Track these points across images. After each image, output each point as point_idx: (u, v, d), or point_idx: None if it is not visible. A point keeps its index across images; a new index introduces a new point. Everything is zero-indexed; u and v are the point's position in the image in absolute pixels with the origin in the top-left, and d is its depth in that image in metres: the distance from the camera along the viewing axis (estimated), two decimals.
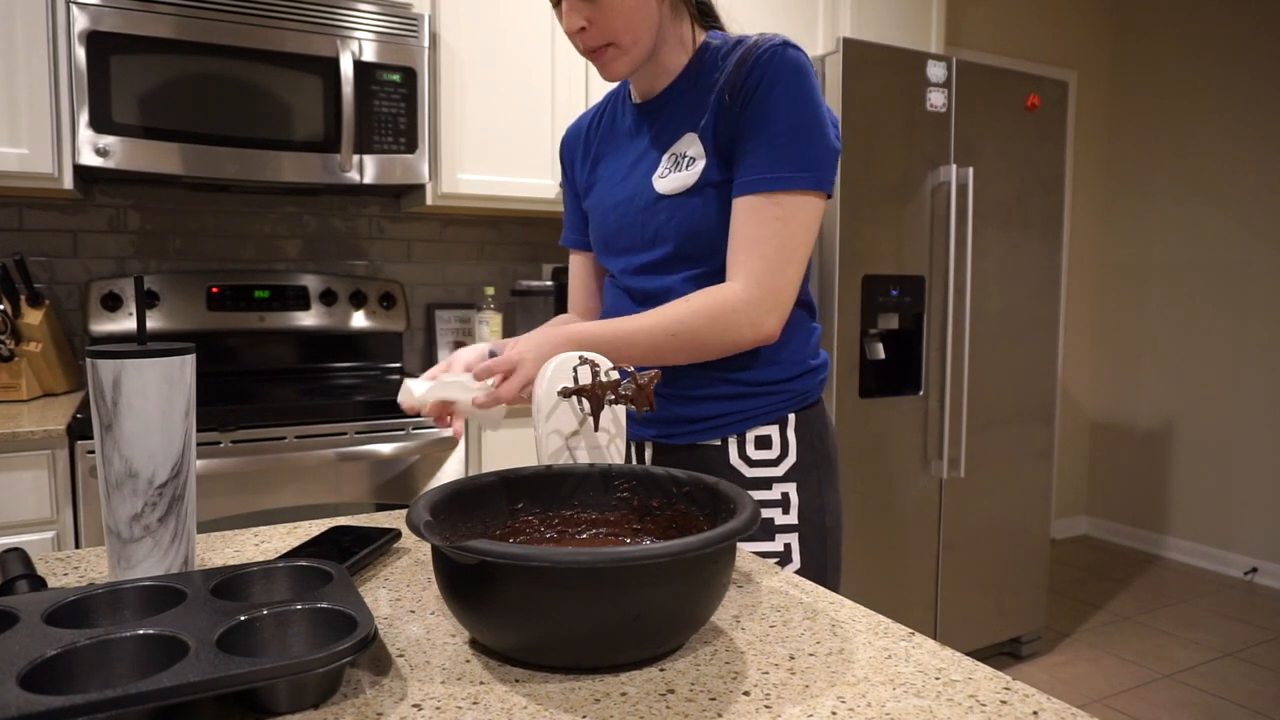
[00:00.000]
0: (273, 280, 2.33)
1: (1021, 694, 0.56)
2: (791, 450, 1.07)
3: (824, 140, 0.97)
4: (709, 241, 1.03)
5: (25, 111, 1.82)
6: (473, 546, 0.55)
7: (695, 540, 0.56)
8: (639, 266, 1.09)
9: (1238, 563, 3.59)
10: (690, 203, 1.02)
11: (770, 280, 0.97)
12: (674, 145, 1.05)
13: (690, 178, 1.02)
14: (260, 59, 1.97)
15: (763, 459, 1.07)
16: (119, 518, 0.69)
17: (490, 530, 0.74)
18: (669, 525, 0.76)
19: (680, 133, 1.05)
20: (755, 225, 0.97)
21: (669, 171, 1.04)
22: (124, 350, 0.68)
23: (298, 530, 0.92)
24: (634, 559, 0.54)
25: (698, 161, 1.02)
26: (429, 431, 1.98)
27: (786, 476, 1.06)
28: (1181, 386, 3.79)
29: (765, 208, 0.96)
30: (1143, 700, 2.52)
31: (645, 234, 1.07)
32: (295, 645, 0.57)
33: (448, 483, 0.72)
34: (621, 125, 1.15)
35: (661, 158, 1.06)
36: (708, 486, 0.73)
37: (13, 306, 1.92)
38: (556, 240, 2.81)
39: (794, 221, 0.97)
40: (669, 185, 1.04)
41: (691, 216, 1.02)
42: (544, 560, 0.53)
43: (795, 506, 1.06)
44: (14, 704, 0.45)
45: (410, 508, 0.65)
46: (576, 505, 0.78)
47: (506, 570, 0.55)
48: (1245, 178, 3.56)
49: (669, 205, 1.04)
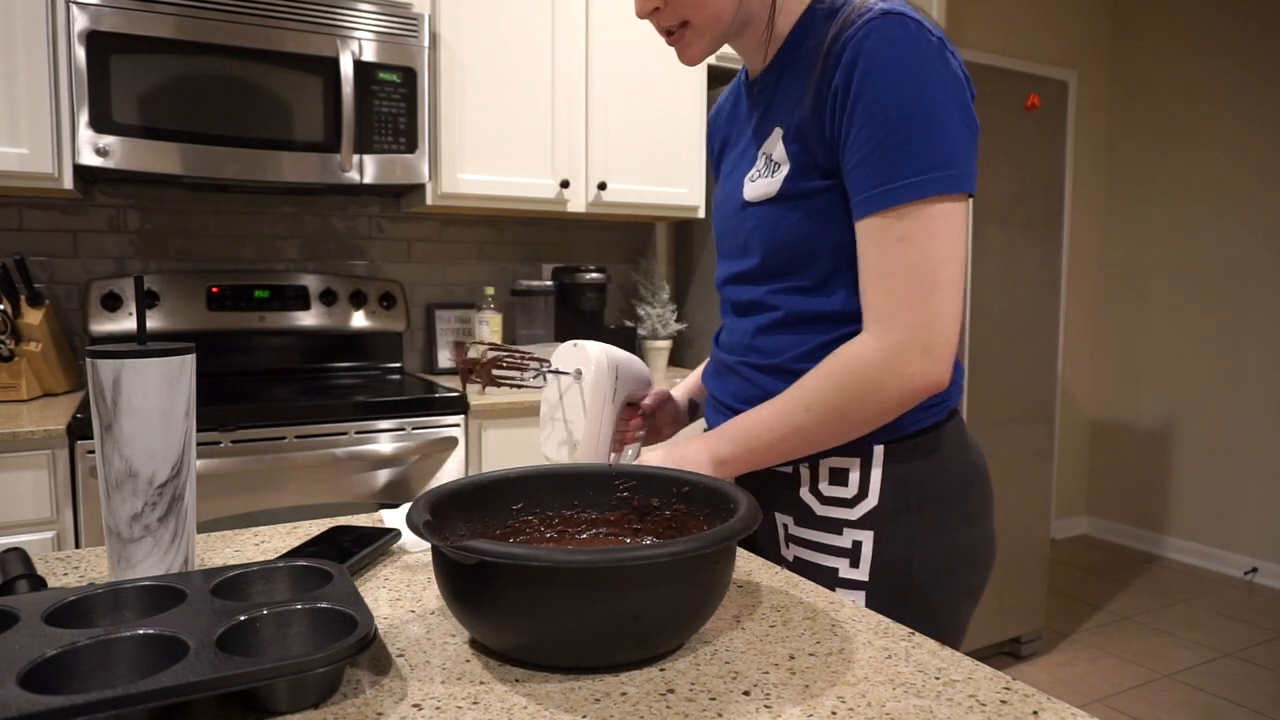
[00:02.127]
0: (273, 280, 2.33)
1: (1021, 694, 0.56)
2: (872, 491, 0.89)
3: (947, 128, 0.79)
4: (798, 256, 0.89)
5: (25, 111, 1.82)
6: (472, 546, 0.55)
7: (693, 541, 0.56)
8: (734, 275, 0.98)
9: (1238, 563, 3.59)
10: (774, 213, 0.89)
11: (910, 316, 0.79)
12: (767, 141, 0.91)
13: (773, 186, 0.88)
14: (260, 59, 1.97)
15: (835, 497, 0.90)
16: (119, 518, 0.69)
17: (490, 530, 0.73)
18: (668, 525, 0.76)
19: (771, 125, 0.91)
20: (878, 253, 0.80)
21: (759, 174, 0.91)
22: (124, 350, 0.68)
23: (298, 530, 0.92)
24: (632, 559, 0.54)
25: (781, 168, 0.88)
26: (429, 431, 1.98)
27: (862, 522, 0.89)
28: (1181, 386, 3.79)
29: (887, 229, 0.79)
30: (1143, 700, 2.52)
31: (738, 241, 0.96)
32: (295, 645, 0.57)
33: (448, 483, 0.72)
34: (743, 107, 1.00)
35: (758, 154, 0.92)
36: (708, 487, 0.73)
37: (13, 306, 1.92)
38: (556, 240, 2.81)
39: (926, 237, 0.78)
40: (755, 191, 0.91)
41: (776, 228, 0.89)
42: (542, 560, 0.53)
43: (867, 559, 0.88)
44: (14, 704, 0.45)
45: (411, 507, 0.65)
46: (576, 505, 0.77)
47: (505, 570, 0.55)
48: (1245, 178, 3.56)
49: (755, 213, 0.91)
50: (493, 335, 2.48)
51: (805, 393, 0.85)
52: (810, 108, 0.84)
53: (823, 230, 0.87)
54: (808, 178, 0.86)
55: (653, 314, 2.71)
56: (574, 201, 2.43)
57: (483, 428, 2.07)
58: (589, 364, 0.98)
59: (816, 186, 0.86)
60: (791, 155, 0.87)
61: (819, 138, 0.84)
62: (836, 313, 0.89)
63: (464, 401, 2.03)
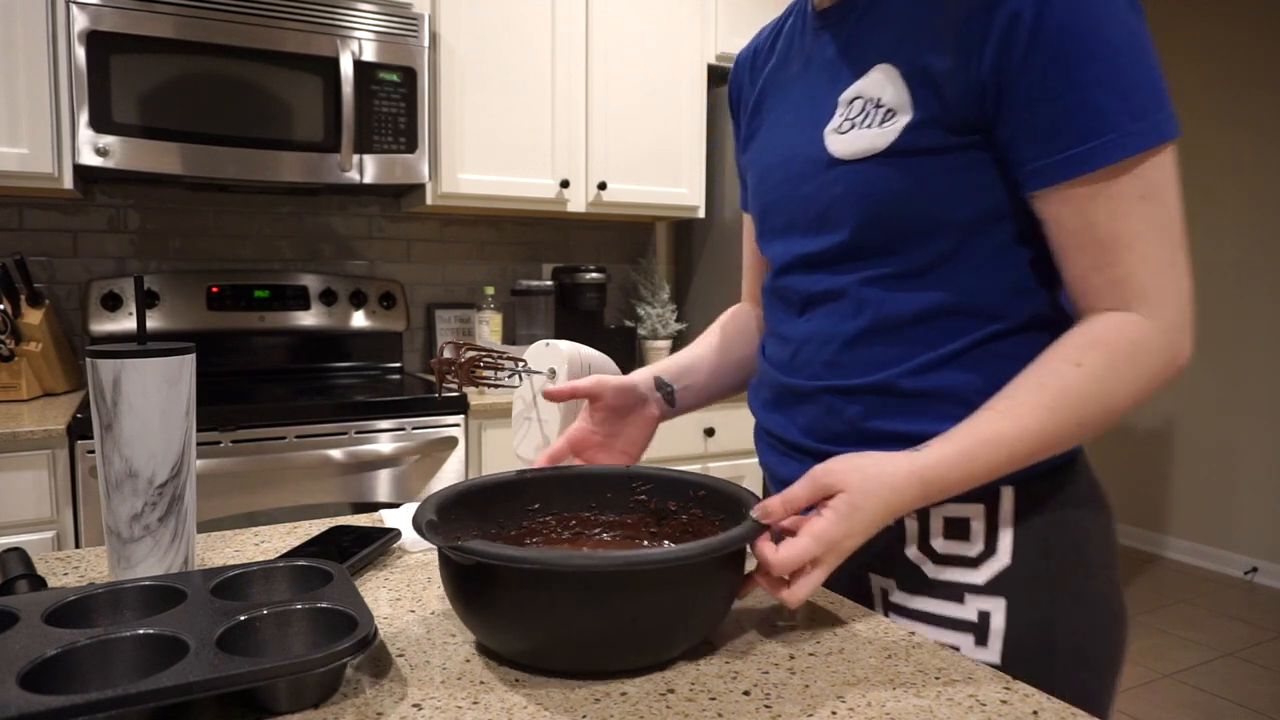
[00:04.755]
0: (273, 280, 2.33)
1: (1022, 694, 0.56)
2: (1002, 546, 0.71)
3: (1154, 61, 0.65)
4: (904, 229, 0.71)
5: (25, 111, 1.82)
6: (469, 548, 0.55)
7: (694, 546, 0.56)
8: (799, 259, 0.78)
9: (1238, 563, 3.59)
10: (880, 173, 0.70)
11: (1175, 286, 0.65)
12: (859, 82, 0.72)
13: (881, 137, 0.70)
14: (260, 59, 1.97)
15: (954, 555, 0.72)
16: (119, 517, 0.69)
17: (505, 531, 0.73)
18: (684, 530, 0.74)
19: (869, 61, 0.72)
20: (1119, 216, 0.64)
21: (852, 123, 0.72)
22: (124, 350, 0.68)
23: (298, 530, 0.92)
24: (628, 564, 0.54)
25: (896, 116, 0.69)
26: (429, 431, 1.98)
27: (990, 587, 0.70)
28: (1181, 386, 3.79)
29: (1124, 186, 0.63)
30: (1143, 700, 2.52)
31: (811, 211, 0.76)
32: (295, 645, 0.57)
33: (460, 482, 0.71)
34: (799, 46, 0.82)
35: (838, 101, 0.74)
36: (723, 491, 0.71)
37: (13, 306, 1.92)
38: (556, 240, 2.81)
39: (1168, 193, 0.65)
40: (849, 145, 0.72)
41: (881, 192, 0.70)
42: (536, 563, 0.53)
43: (999, 634, 0.70)
44: (14, 704, 0.45)
45: (419, 506, 0.65)
46: (594, 507, 0.77)
47: (500, 572, 0.55)
48: (1245, 179, 3.56)
49: (846, 174, 0.72)
50: (493, 335, 2.48)
51: (1069, 381, 0.64)
52: (952, 41, 0.66)
53: (947, 197, 0.69)
54: (934, 130, 0.68)
55: (653, 314, 2.71)
56: (574, 201, 2.43)
57: (483, 427, 2.07)
58: (561, 362, 0.97)
59: (950, 143, 0.68)
60: (917, 99, 0.68)
61: (962, 79, 0.66)
62: (962, 306, 0.70)
63: (464, 401, 2.03)
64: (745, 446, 2.41)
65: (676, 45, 2.53)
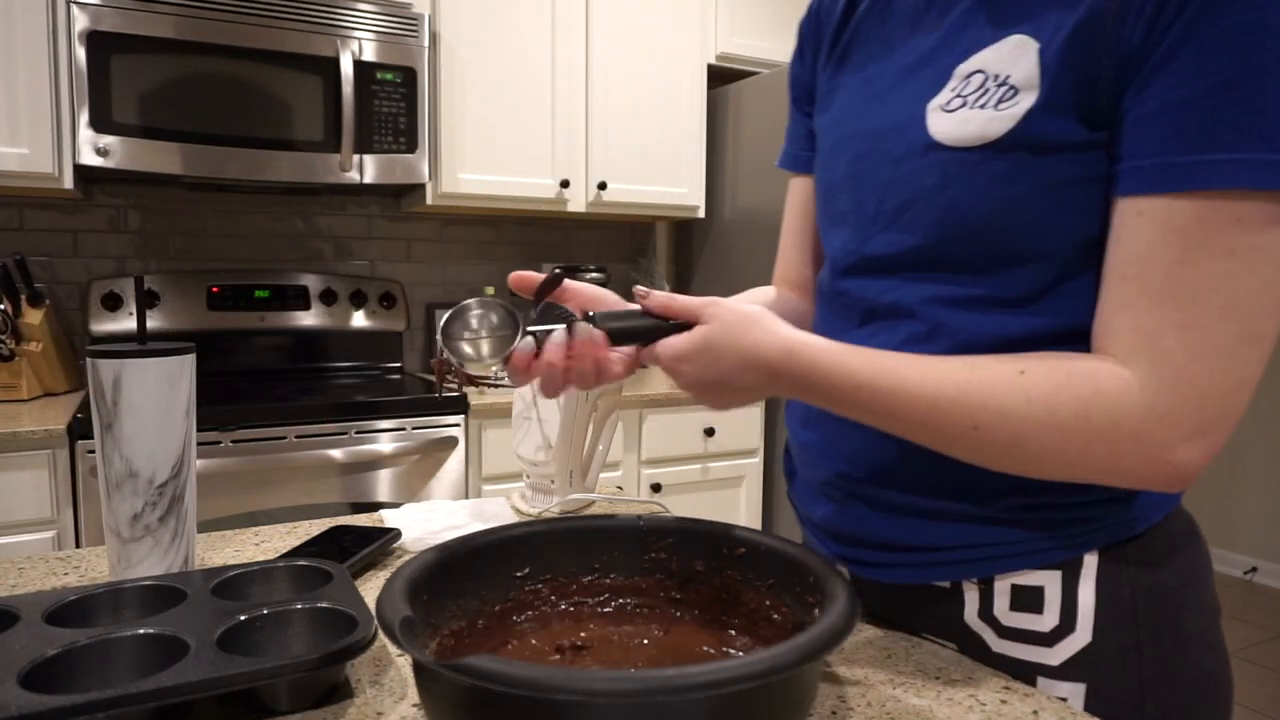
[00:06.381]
0: (273, 280, 2.33)
1: (1021, 694, 0.56)
2: (1082, 621, 0.59)
3: None
4: (1010, 247, 0.57)
5: (25, 111, 1.82)
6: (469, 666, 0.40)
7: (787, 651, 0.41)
8: (861, 260, 0.65)
9: (1238, 563, 3.59)
10: (985, 169, 0.56)
11: (1203, 378, 0.50)
12: (987, 51, 0.57)
13: (995, 123, 0.55)
14: (260, 59, 1.97)
15: (1023, 629, 0.61)
16: (119, 517, 0.69)
17: (489, 606, 0.59)
18: (717, 597, 0.60)
19: (1001, 30, 0.57)
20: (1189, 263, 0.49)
21: (965, 101, 0.57)
22: (124, 350, 0.68)
23: (298, 530, 0.92)
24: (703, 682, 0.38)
25: (1022, 96, 0.54)
26: (429, 431, 1.98)
27: (1067, 669, 0.59)
28: None
29: (1209, 224, 0.49)
30: None
31: (889, 200, 0.62)
32: (295, 645, 0.57)
33: (433, 549, 0.57)
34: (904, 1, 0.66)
35: (954, 71, 0.59)
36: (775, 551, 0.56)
37: (13, 306, 1.92)
38: (556, 240, 2.81)
39: (1261, 259, 0.48)
40: (955, 128, 0.57)
41: (979, 195, 0.57)
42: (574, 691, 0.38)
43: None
44: (14, 703, 0.45)
45: (384, 590, 0.50)
46: (596, 569, 0.62)
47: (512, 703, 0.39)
48: None
49: (944, 164, 0.58)
50: None
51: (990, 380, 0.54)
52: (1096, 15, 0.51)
53: (1061, 211, 0.55)
54: (1065, 119, 0.53)
55: None
56: (574, 201, 2.43)
57: (483, 428, 2.07)
58: None
59: (1078, 139, 0.53)
60: (1047, 79, 0.53)
61: (1106, 52, 0.51)
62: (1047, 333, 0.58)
63: (464, 401, 2.03)
64: (745, 446, 2.41)
65: (676, 45, 2.53)
